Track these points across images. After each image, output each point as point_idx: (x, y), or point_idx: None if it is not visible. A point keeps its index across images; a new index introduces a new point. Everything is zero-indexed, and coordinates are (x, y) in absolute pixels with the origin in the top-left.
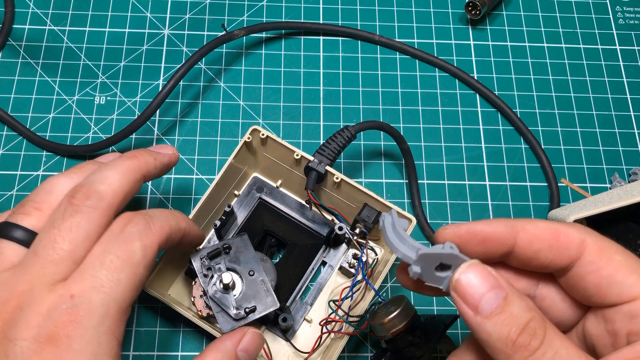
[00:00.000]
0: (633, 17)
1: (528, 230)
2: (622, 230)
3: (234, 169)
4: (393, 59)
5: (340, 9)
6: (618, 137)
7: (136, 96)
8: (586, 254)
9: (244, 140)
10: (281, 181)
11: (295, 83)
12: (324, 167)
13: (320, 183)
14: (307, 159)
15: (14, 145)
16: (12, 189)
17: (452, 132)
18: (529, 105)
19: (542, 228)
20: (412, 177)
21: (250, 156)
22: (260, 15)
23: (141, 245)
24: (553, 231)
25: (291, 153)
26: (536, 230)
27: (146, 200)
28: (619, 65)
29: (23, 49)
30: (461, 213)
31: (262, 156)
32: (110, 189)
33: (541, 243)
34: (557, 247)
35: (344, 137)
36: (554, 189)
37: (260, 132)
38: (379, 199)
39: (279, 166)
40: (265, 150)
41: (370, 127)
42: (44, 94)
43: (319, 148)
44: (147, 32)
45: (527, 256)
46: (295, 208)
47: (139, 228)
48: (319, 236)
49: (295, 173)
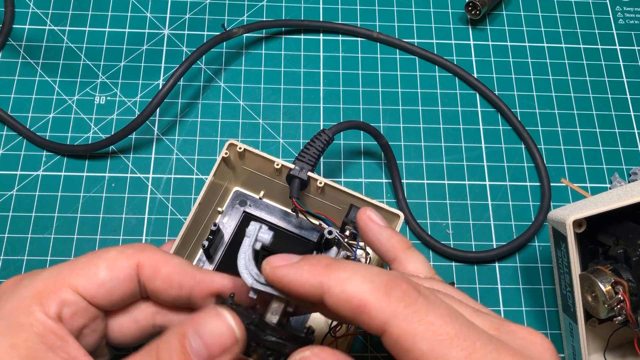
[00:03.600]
0: (633, 17)
1: (333, 294)
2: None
3: (215, 186)
4: (393, 58)
5: (340, 8)
6: (618, 137)
7: (136, 96)
8: (386, 338)
9: (221, 156)
10: (264, 192)
11: (295, 83)
12: (306, 173)
13: (304, 189)
14: (287, 167)
15: (14, 145)
16: (12, 189)
17: (452, 132)
18: (529, 105)
19: (347, 298)
20: (394, 173)
21: (229, 171)
22: (260, 15)
23: None
24: (357, 307)
25: (271, 163)
26: (340, 300)
27: (146, 200)
28: (619, 65)
29: (23, 49)
30: (461, 213)
31: (242, 169)
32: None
33: (346, 311)
34: (360, 323)
35: (321, 140)
36: (545, 189)
37: (237, 146)
38: (365, 198)
39: (260, 177)
40: (244, 163)
41: (346, 128)
42: (44, 94)
43: (298, 155)
44: (147, 32)
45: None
46: (281, 217)
47: None
48: (308, 242)
49: (277, 182)
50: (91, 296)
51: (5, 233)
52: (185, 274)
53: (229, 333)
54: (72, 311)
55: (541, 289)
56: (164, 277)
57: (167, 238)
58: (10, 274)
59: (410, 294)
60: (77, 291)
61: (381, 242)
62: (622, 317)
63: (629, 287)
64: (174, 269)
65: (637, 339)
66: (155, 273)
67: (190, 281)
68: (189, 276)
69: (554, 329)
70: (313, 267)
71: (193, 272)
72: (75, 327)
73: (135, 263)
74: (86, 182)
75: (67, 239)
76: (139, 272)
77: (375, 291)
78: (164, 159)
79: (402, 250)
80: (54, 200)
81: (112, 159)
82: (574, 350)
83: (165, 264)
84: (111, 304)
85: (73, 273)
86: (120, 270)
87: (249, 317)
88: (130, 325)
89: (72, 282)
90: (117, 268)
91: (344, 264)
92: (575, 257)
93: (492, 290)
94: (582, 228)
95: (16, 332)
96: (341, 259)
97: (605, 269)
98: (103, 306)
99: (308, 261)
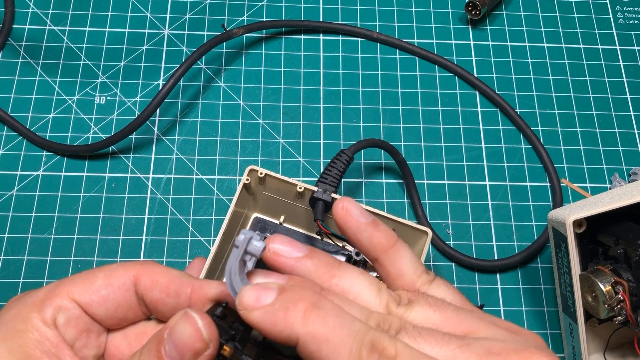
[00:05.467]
0: (633, 17)
1: (308, 350)
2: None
3: (236, 215)
4: (393, 58)
5: (340, 9)
6: (618, 137)
7: (136, 96)
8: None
9: (242, 183)
10: (284, 217)
11: (295, 83)
12: (330, 195)
13: (328, 211)
14: (310, 190)
15: (14, 145)
16: (12, 189)
17: (452, 132)
18: (529, 105)
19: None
20: (413, 190)
21: (249, 197)
22: (260, 16)
23: None
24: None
25: (293, 187)
26: (314, 358)
27: (146, 201)
28: (619, 65)
29: (23, 49)
30: (461, 213)
31: (261, 195)
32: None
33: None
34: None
35: (342, 161)
36: (556, 188)
37: (258, 172)
38: (388, 215)
39: (280, 202)
40: (265, 188)
41: (365, 146)
42: (44, 94)
43: (320, 177)
44: (147, 32)
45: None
46: (304, 242)
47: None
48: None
49: (298, 206)
50: (86, 303)
51: (5, 233)
52: (182, 283)
53: (196, 336)
54: (66, 318)
55: (541, 289)
56: (161, 286)
57: (168, 238)
58: (10, 274)
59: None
60: (72, 298)
61: (361, 241)
62: (622, 317)
63: (629, 287)
64: (171, 279)
65: (637, 339)
66: (153, 284)
67: (187, 288)
68: (185, 284)
69: (554, 329)
70: (288, 313)
71: (190, 280)
72: (69, 337)
73: (133, 274)
74: (86, 182)
75: (67, 239)
76: (136, 283)
77: (351, 358)
78: (164, 159)
79: (384, 251)
80: (54, 200)
81: (112, 159)
82: (574, 350)
83: (163, 274)
84: (106, 313)
85: (72, 282)
86: (116, 279)
87: (228, 332)
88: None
89: (69, 289)
90: (113, 277)
91: (326, 311)
92: (575, 257)
93: (492, 290)
94: (582, 228)
95: (14, 338)
96: (332, 298)
97: (605, 269)
98: (98, 315)
99: (285, 301)
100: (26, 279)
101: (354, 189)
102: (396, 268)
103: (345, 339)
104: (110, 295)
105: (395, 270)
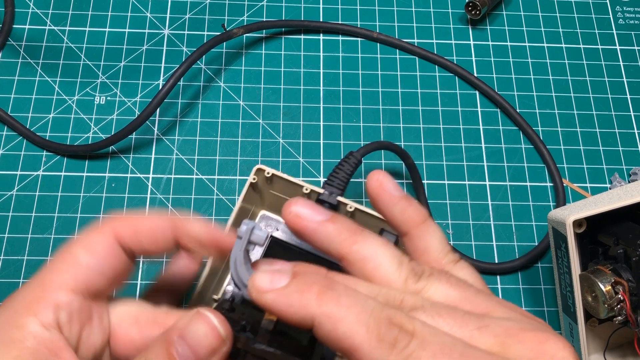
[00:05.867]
0: (633, 17)
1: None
2: (622, 230)
3: (244, 210)
4: (393, 58)
5: (340, 9)
6: (618, 137)
7: (136, 96)
8: None
9: (249, 181)
10: None
11: (295, 83)
12: (335, 198)
13: None
14: (316, 192)
15: (14, 145)
16: (12, 189)
17: (452, 132)
18: (529, 105)
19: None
20: (421, 193)
21: (256, 195)
22: (260, 16)
23: None
24: (347, 349)
25: (299, 188)
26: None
27: (146, 201)
28: (619, 65)
29: (23, 49)
30: (461, 213)
31: (269, 194)
32: None
33: (336, 348)
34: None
35: (350, 164)
36: (559, 187)
37: (265, 171)
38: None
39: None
40: (272, 187)
41: (374, 149)
42: (44, 94)
43: (327, 179)
44: (147, 32)
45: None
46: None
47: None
48: (338, 266)
49: None
50: (84, 287)
51: (5, 233)
52: (164, 224)
53: (213, 334)
54: (68, 315)
55: (541, 289)
56: (145, 233)
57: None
58: (10, 274)
59: (403, 338)
60: (69, 288)
61: (394, 214)
62: (622, 317)
63: (629, 287)
64: (151, 222)
65: (637, 339)
66: (136, 233)
67: (171, 227)
68: (168, 224)
69: (554, 329)
70: (303, 295)
71: (171, 219)
72: (74, 332)
73: (111, 233)
74: (86, 182)
75: (67, 239)
76: (120, 240)
77: (368, 336)
78: (164, 159)
79: (415, 225)
80: (54, 200)
81: (112, 159)
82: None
83: (142, 221)
84: (109, 282)
85: (56, 272)
86: (99, 246)
87: (239, 323)
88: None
89: (60, 281)
90: (95, 246)
91: (339, 292)
92: (575, 257)
93: (492, 290)
94: (582, 228)
95: (7, 349)
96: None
97: (605, 269)
98: (101, 288)
99: (300, 284)
100: (26, 279)
101: (354, 189)
102: (424, 243)
103: (361, 316)
104: (101, 265)
105: (423, 245)
